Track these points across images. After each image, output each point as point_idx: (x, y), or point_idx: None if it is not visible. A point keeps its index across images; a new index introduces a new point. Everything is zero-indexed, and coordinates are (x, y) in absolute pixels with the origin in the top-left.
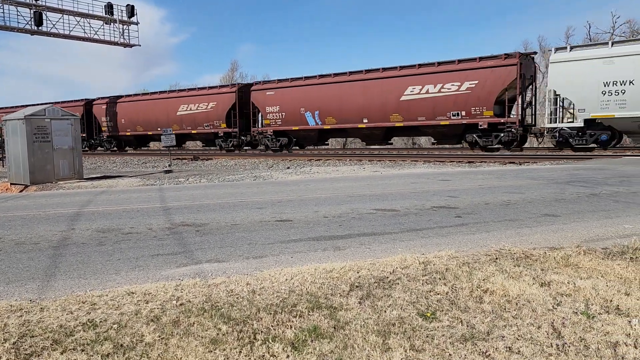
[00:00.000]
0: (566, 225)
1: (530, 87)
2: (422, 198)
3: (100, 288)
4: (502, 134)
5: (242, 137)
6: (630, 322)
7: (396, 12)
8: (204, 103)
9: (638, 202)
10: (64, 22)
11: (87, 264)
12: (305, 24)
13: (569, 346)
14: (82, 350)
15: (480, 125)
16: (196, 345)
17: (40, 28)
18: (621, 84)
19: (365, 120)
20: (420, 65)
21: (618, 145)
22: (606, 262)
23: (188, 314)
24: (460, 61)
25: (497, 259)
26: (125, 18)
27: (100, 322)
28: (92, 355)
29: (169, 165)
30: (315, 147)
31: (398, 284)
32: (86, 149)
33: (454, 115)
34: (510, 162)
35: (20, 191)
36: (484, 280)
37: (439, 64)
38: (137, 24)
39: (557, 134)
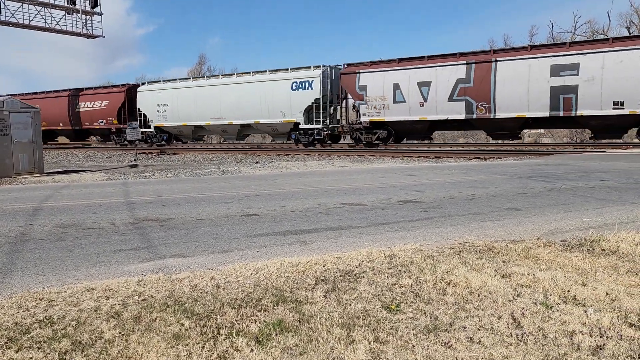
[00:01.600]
0: (527, 218)
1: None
2: (389, 192)
3: (58, 284)
4: (125, 135)
5: None
6: (586, 311)
7: (365, 7)
8: None
9: (596, 196)
10: (23, 11)
11: (45, 260)
12: (274, 18)
13: (528, 335)
14: (39, 348)
15: (112, 130)
16: (158, 341)
17: None
18: (164, 106)
19: (61, 125)
20: (85, 89)
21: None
22: (564, 254)
23: (150, 309)
24: (104, 87)
25: (460, 251)
26: (88, 8)
27: (58, 319)
28: (49, 353)
29: (135, 160)
30: (285, 142)
31: (363, 277)
32: None
33: (101, 122)
34: (476, 158)
35: None
36: (447, 272)
37: (95, 88)
38: (100, 14)
39: (145, 135)
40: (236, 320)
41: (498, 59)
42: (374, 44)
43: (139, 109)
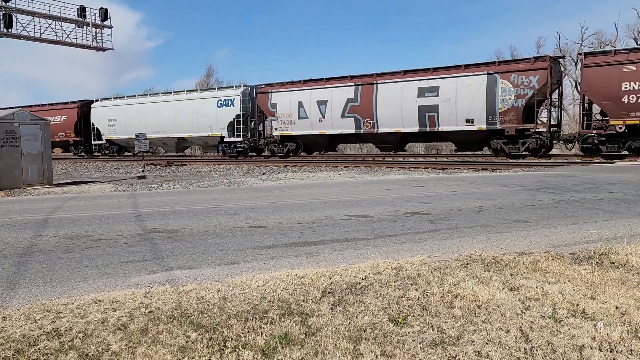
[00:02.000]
0: (535, 231)
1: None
2: (396, 204)
3: (66, 296)
4: (81, 147)
5: None
6: (595, 325)
7: (369, 19)
8: None
9: (604, 208)
10: (34, 24)
11: (53, 271)
12: (281, 30)
13: (537, 350)
14: None
15: (70, 142)
16: (164, 354)
17: (9, 30)
18: (113, 121)
19: None
20: (50, 104)
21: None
22: (573, 267)
23: (157, 321)
24: (63, 103)
25: (468, 264)
26: (98, 21)
27: (65, 331)
28: None
29: (143, 171)
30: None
31: (370, 289)
32: None
33: (61, 135)
34: (483, 169)
35: None
36: (454, 285)
37: (57, 104)
38: (110, 27)
39: (98, 147)
40: (242, 333)
41: (379, 81)
42: (383, 53)
43: (92, 123)
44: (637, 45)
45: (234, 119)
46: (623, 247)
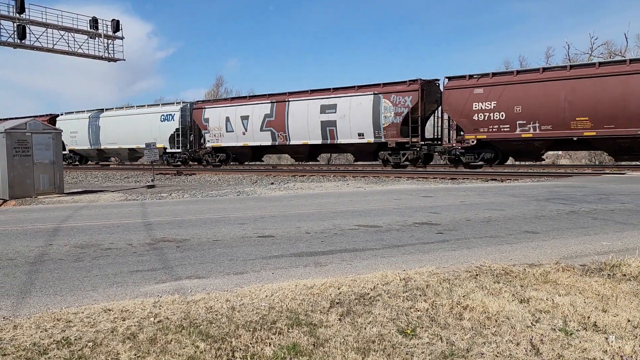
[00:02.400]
0: (545, 242)
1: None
2: (405, 214)
3: (76, 305)
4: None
5: None
6: (607, 338)
7: (379, 28)
8: None
9: (615, 220)
10: (47, 35)
11: (63, 280)
12: (291, 40)
13: None
14: None
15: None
16: None
17: (23, 42)
18: (75, 133)
19: None
20: (24, 118)
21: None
22: (584, 279)
23: (165, 331)
24: (32, 117)
25: (477, 275)
26: (110, 33)
27: (75, 340)
28: None
29: (152, 180)
30: (300, 163)
31: (379, 300)
32: None
33: None
34: (492, 179)
35: None
36: (464, 296)
37: (41, 116)
38: (122, 38)
39: (62, 157)
40: (251, 343)
41: (290, 99)
42: (391, 62)
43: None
44: None
45: (174, 132)
46: (635, 258)
